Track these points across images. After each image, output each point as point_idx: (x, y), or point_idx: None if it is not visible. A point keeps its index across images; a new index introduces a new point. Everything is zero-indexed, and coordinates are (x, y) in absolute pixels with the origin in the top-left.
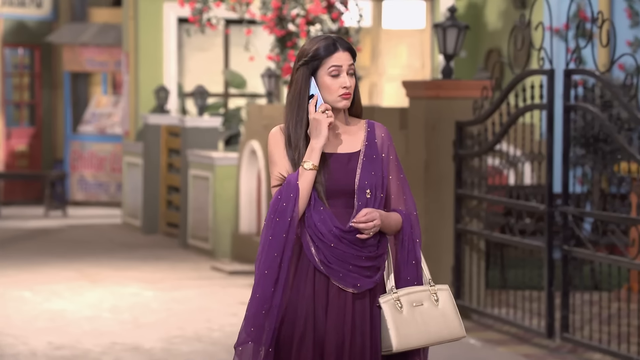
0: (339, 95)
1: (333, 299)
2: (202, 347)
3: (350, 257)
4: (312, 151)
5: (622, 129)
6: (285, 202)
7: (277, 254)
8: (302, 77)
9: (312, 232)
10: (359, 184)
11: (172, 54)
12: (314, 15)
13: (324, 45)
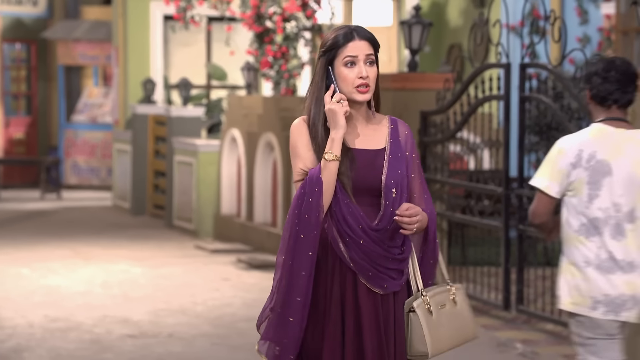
0: (355, 86)
1: (364, 300)
2: (187, 320)
3: (377, 256)
4: (333, 142)
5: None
6: (311, 197)
7: (312, 253)
8: (320, 68)
9: (341, 227)
10: (385, 182)
11: (158, 49)
12: (289, 13)
13: (340, 35)
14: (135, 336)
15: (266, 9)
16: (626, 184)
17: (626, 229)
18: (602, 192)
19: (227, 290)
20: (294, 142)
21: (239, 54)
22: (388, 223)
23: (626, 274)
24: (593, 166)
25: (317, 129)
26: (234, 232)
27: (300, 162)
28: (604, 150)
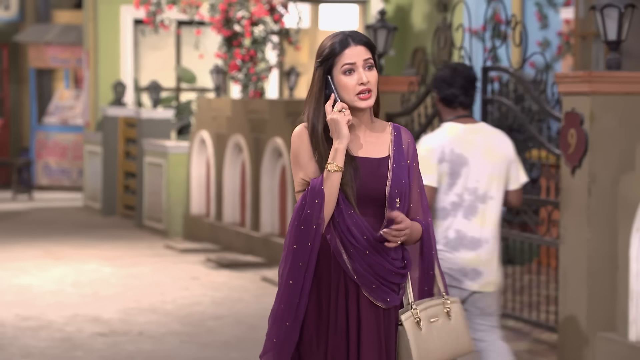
0: (356, 93)
1: (365, 313)
2: (156, 318)
3: (381, 269)
4: (336, 153)
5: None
6: (310, 208)
7: (302, 264)
8: (318, 77)
9: (345, 238)
10: (389, 192)
11: (128, 52)
12: (257, 17)
13: (336, 42)
14: (106, 334)
15: (234, 14)
16: (480, 170)
17: (479, 208)
18: (459, 181)
19: (196, 289)
20: (296, 151)
21: (208, 57)
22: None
23: (470, 250)
24: (452, 159)
25: (318, 139)
26: (203, 232)
27: (301, 172)
28: (459, 144)
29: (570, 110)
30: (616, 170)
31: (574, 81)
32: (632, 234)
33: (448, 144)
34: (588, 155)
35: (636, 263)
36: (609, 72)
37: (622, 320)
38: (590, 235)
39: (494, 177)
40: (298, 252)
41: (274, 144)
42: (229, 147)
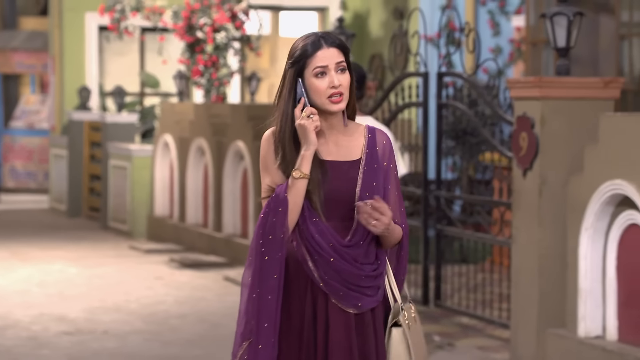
0: (327, 97)
1: (334, 320)
2: (121, 317)
3: (349, 275)
4: (302, 159)
5: (486, 123)
6: (275, 216)
7: (277, 276)
8: (288, 79)
9: (309, 245)
10: (359, 196)
11: (93, 58)
12: (219, 24)
13: (308, 44)
14: (71, 333)
15: (197, 21)
16: None
17: None
18: None
19: (159, 288)
20: (263, 156)
21: (171, 63)
22: (361, 238)
23: None
24: None
25: (285, 144)
26: (167, 233)
27: (268, 178)
28: None
29: (521, 114)
30: (565, 172)
31: (525, 86)
32: (581, 233)
33: None
34: (539, 157)
35: (585, 261)
36: (558, 78)
37: (571, 316)
38: (541, 235)
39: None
40: (270, 264)
41: (236, 147)
42: (191, 150)
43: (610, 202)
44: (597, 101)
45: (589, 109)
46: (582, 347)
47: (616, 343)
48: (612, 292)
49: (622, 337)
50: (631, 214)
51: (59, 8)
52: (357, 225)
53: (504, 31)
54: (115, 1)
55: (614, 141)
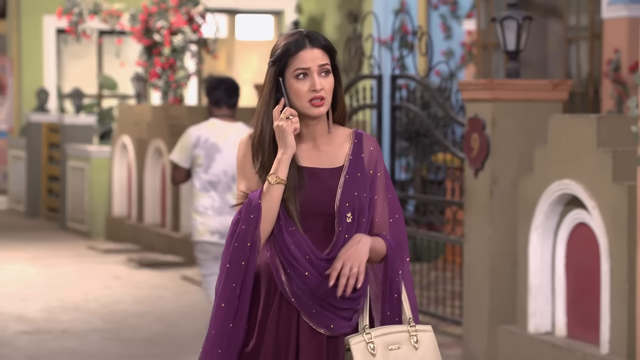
0: (308, 100)
1: (305, 340)
2: (79, 316)
3: (324, 292)
4: (279, 163)
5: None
6: (245, 224)
7: (235, 285)
8: (269, 79)
9: (283, 257)
10: (339, 206)
11: (51, 60)
12: (176, 27)
13: (291, 42)
14: (30, 332)
15: (154, 23)
16: (230, 158)
17: (233, 186)
18: (214, 164)
19: (118, 287)
20: (240, 160)
21: (129, 65)
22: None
23: (230, 215)
24: (207, 147)
25: (264, 147)
26: (125, 233)
27: (243, 184)
28: (215, 135)
29: (473, 116)
30: (516, 172)
31: (476, 89)
32: (530, 232)
33: (204, 134)
34: (490, 158)
35: (534, 259)
36: (508, 80)
37: (521, 313)
38: (492, 234)
39: None
40: (231, 272)
41: None
42: (149, 152)
43: (559, 202)
44: (546, 103)
45: (538, 111)
46: (532, 343)
47: (565, 339)
48: (561, 289)
49: (570, 333)
50: (579, 213)
51: (17, 11)
52: (337, 239)
53: (455, 35)
54: (73, 4)
55: (563, 142)
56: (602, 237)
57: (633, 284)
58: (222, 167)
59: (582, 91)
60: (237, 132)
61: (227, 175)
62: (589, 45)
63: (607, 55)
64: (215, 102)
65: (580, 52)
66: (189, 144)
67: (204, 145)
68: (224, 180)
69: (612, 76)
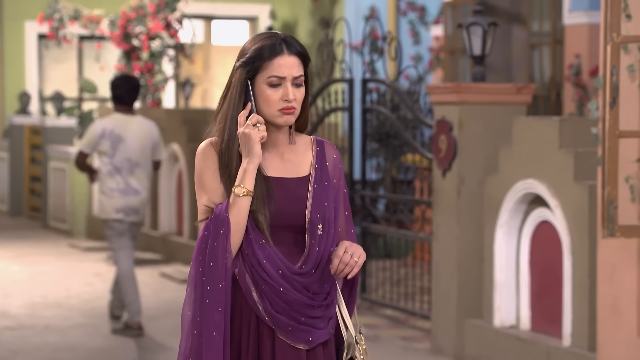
0: (279, 109)
1: (282, 357)
2: (61, 312)
3: (300, 305)
4: (245, 174)
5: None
6: (215, 240)
7: (221, 309)
8: (237, 81)
9: (255, 273)
10: (310, 217)
11: (33, 65)
12: (154, 33)
13: (266, 47)
14: (13, 328)
15: (133, 29)
16: (133, 147)
17: (135, 171)
18: (118, 152)
19: (99, 284)
20: (199, 171)
21: (109, 69)
22: (314, 266)
23: (133, 196)
24: (112, 137)
25: (232, 156)
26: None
27: (204, 197)
28: (118, 127)
29: (440, 118)
30: (482, 172)
31: (443, 92)
32: (496, 229)
33: (109, 126)
34: (457, 159)
35: (500, 256)
36: (474, 84)
37: (487, 308)
38: (460, 232)
39: (144, 151)
40: (213, 295)
41: (171, 150)
42: None
43: (523, 201)
44: (511, 106)
45: (503, 113)
46: (497, 336)
47: (529, 332)
48: (525, 284)
49: (534, 327)
50: (542, 211)
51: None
52: (310, 251)
53: (423, 40)
54: (54, 10)
55: (527, 143)
56: (564, 235)
57: (593, 279)
58: (125, 155)
59: (544, 94)
60: (137, 124)
61: (130, 161)
62: (551, 51)
63: (569, 60)
64: (118, 99)
65: (543, 57)
66: (96, 134)
67: (109, 136)
68: (127, 165)
69: (574, 80)
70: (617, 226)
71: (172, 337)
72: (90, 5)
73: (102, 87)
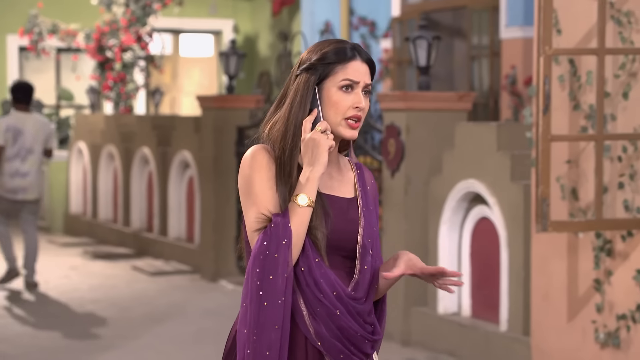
0: (347, 117)
1: None
2: (41, 302)
3: (353, 334)
4: (308, 182)
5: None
6: (277, 251)
7: (278, 326)
8: (303, 85)
9: (310, 293)
10: (362, 242)
11: (14, 75)
12: (126, 45)
13: (338, 49)
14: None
15: (107, 42)
16: (29, 138)
17: (28, 157)
18: (18, 142)
19: (75, 277)
20: (249, 179)
21: (84, 79)
22: (365, 294)
23: (22, 178)
24: (14, 130)
25: (293, 163)
26: (81, 228)
27: (255, 207)
28: (19, 123)
29: (389, 123)
30: (427, 173)
31: (392, 100)
32: (440, 225)
33: (12, 122)
34: (405, 161)
35: (443, 249)
36: (420, 92)
37: (432, 296)
38: (407, 227)
39: (37, 141)
40: (270, 312)
41: (142, 153)
42: (102, 156)
43: (464, 199)
44: (453, 112)
45: (446, 119)
46: (441, 322)
47: (469, 318)
48: (467, 275)
49: (474, 313)
50: (482, 208)
51: None
52: (360, 277)
53: (374, 52)
54: (34, 24)
55: (467, 146)
56: (501, 230)
57: (528, 270)
58: (23, 144)
59: (483, 102)
60: (33, 120)
61: (26, 149)
62: (489, 62)
63: (505, 70)
64: (17, 100)
65: (482, 68)
66: (2, 129)
67: (12, 130)
68: (22, 153)
69: (510, 89)
70: (549, 222)
71: (143, 324)
72: (67, 20)
73: (78, 95)
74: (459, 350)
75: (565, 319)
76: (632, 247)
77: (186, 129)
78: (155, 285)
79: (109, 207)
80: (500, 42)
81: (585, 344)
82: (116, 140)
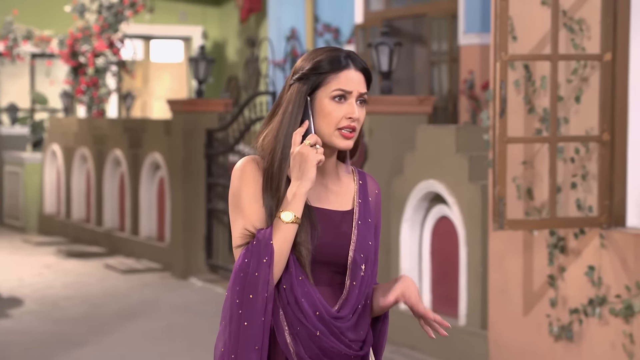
0: (339, 127)
1: None
2: (15, 299)
3: (336, 354)
4: (294, 198)
5: None
6: (257, 270)
7: (258, 347)
8: (295, 95)
9: (291, 312)
10: (354, 257)
11: None
12: (99, 51)
13: (332, 58)
14: None
15: (80, 47)
16: None
17: None
18: None
19: (49, 275)
20: (237, 191)
21: (58, 83)
22: (352, 310)
23: None
24: None
25: (282, 177)
26: (55, 228)
27: (242, 220)
28: None
29: None
30: (389, 174)
31: None
32: (402, 224)
33: None
34: (368, 162)
35: (405, 247)
36: (382, 96)
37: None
38: None
39: None
40: (251, 332)
41: (114, 155)
42: (76, 158)
43: (425, 199)
44: (414, 115)
45: (408, 122)
46: (403, 317)
47: None
48: (427, 271)
49: (434, 308)
50: (441, 208)
51: None
52: (349, 294)
53: None
54: (8, 30)
55: (428, 148)
56: (460, 228)
57: (485, 266)
58: None
59: (443, 105)
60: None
61: None
62: (449, 67)
63: (463, 75)
64: None
65: (441, 73)
66: None
67: None
68: None
69: (468, 93)
70: (505, 220)
71: (115, 320)
72: (41, 27)
73: (52, 100)
74: (419, 344)
75: (521, 313)
76: (584, 244)
77: (157, 132)
78: (127, 282)
79: (82, 207)
80: (458, 49)
81: (540, 337)
82: (89, 142)
